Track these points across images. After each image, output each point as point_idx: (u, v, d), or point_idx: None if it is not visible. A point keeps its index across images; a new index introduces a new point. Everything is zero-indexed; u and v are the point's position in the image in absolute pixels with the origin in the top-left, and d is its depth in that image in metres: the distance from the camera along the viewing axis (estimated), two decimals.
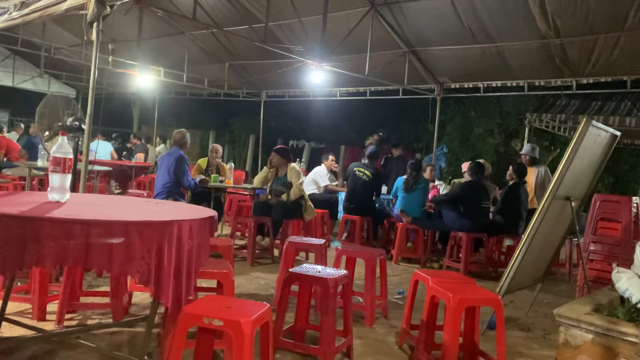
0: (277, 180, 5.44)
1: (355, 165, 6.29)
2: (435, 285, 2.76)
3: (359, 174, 6.11)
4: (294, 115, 15.75)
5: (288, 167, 5.37)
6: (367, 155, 6.27)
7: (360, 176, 6.09)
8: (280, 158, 5.38)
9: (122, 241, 1.80)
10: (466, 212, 5.33)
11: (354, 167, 6.21)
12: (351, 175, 6.18)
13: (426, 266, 5.56)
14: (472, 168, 5.54)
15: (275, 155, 5.40)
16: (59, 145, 2.11)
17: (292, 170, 5.33)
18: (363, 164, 6.23)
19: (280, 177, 5.42)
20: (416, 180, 5.75)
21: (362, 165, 6.20)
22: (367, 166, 6.16)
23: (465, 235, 5.20)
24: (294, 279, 2.68)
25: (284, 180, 5.38)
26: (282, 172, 5.43)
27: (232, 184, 5.63)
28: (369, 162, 6.21)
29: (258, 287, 4.07)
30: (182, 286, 1.96)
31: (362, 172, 6.10)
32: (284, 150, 5.59)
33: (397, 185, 5.99)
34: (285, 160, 5.40)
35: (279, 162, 5.38)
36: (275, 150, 5.49)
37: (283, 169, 5.41)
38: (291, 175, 5.32)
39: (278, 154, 5.41)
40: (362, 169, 6.13)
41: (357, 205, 6.02)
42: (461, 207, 5.39)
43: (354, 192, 6.09)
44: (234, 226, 5.42)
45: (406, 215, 5.68)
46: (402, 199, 5.82)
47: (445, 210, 5.48)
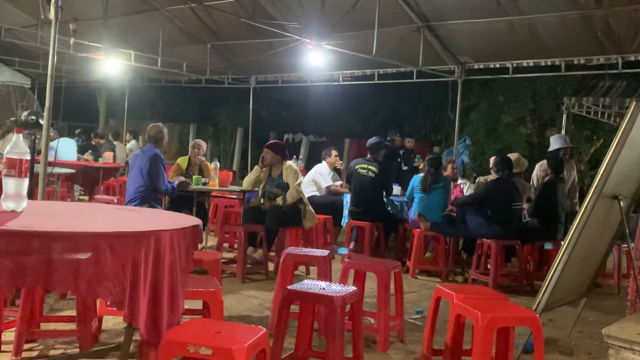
0: (271, 182, 5.44)
1: (356, 162, 6.28)
2: (460, 302, 2.76)
3: (363, 172, 6.08)
4: (289, 105, 15.74)
5: (283, 166, 5.37)
6: (368, 147, 6.26)
7: (364, 174, 6.07)
8: (274, 155, 5.38)
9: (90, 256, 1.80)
10: (494, 216, 5.32)
11: (356, 165, 6.20)
12: (353, 175, 6.17)
13: (449, 280, 5.58)
14: (497, 163, 5.52)
15: (268, 152, 5.40)
16: (14, 144, 2.11)
17: (289, 170, 5.33)
18: (365, 159, 6.22)
19: (274, 178, 5.43)
20: (435, 178, 5.73)
21: (365, 161, 6.17)
22: (370, 161, 6.13)
23: (494, 242, 5.19)
24: (293, 297, 2.70)
25: (278, 181, 5.38)
26: (276, 172, 5.43)
27: (218, 187, 5.64)
28: (372, 155, 6.19)
29: (251, 307, 4.09)
30: (163, 308, 1.96)
31: (366, 169, 6.08)
32: (278, 145, 5.58)
33: (413, 184, 5.99)
34: (280, 157, 5.40)
35: (272, 159, 5.38)
36: (268, 146, 5.48)
37: (278, 168, 5.42)
38: (287, 175, 5.31)
39: (271, 151, 5.40)
40: (365, 165, 6.11)
41: (364, 209, 6.01)
42: (488, 209, 5.40)
43: (359, 193, 6.07)
44: (220, 236, 5.39)
45: (424, 220, 5.66)
46: (419, 201, 5.80)
47: (469, 214, 5.48)
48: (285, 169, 5.36)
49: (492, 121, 12.10)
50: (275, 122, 16.32)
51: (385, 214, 6.21)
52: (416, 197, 5.88)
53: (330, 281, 3.20)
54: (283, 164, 5.40)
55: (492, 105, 12.18)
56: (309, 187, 6.76)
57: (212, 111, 16.01)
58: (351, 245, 6.19)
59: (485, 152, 11.67)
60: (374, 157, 6.18)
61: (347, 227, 6.27)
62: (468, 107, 12.02)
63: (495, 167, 5.55)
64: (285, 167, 5.37)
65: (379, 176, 6.05)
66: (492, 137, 11.99)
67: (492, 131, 12.05)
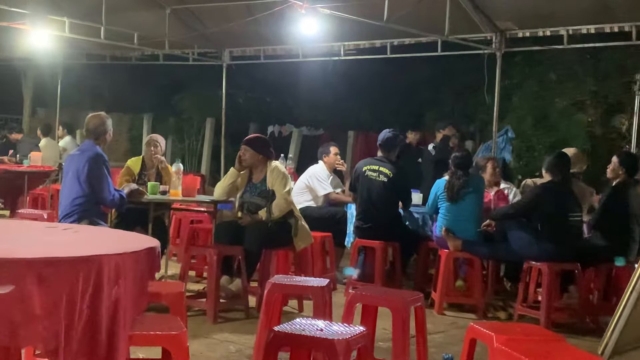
0: (252, 189, 5.47)
1: (364, 163, 6.28)
2: (502, 346, 2.77)
3: (372, 175, 6.10)
4: (274, 87, 15.59)
5: (268, 168, 5.40)
6: (380, 143, 6.25)
7: (374, 178, 6.09)
8: (255, 154, 5.39)
9: (12, 291, 1.79)
10: (546, 231, 5.31)
11: (363, 167, 6.21)
12: (360, 180, 6.17)
13: (487, 317, 5.58)
14: (552, 163, 5.55)
15: (247, 150, 5.41)
16: None
17: (275, 173, 5.36)
18: (376, 158, 6.25)
19: (255, 184, 5.46)
20: (465, 183, 5.74)
21: (375, 161, 6.20)
22: (382, 161, 6.16)
23: (546, 266, 5.18)
24: (282, 341, 2.68)
25: (261, 188, 5.41)
26: (258, 176, 5.46)
27: (181, 197, 5.66)
28: (384, 153, 6.21)
29: (227, 356, 4.08)
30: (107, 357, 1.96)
31: (377, 172, 6.10)
32: (260, 141, 5.59)
33: (436, 191, 5.97)
34: (262, 156, 5.42)
35: (253, 160, 5.40)
36: (247, 142, 5.48)
37: (260, 170, 5.44)
38: (273, 180, 5.34)
39: (251, 148, 5.41)
40: (375, 166, 6.14)
41: (374, 224, 6.01)
42: (538, 223, 5.39)
43: (368, 203, 6.08)
44: (185, 262, 5.40)
45: (453, 237, 5.66)
46: (445, 213, 5.80)
47: (513, 229, 5.47)
48: (270, 171, 5.37)
49: (541, 106, 11.96)
50: (257, 111, 16.11)
51: (402, 231, 6.18)
52: (442, 207, 5.86)
53: (330, 320, 3.23)
54: (267, 165, 5.41)
55: (542, 86, 12.03)
56: (301, 195, 6.74)
57: (173, 97, 15.85)
58: (358, 272, 6.15)
59: (533, 148, 11.55)
60: (387, 157, 6.19)
61: (353, 248, 6.25)
62: (510, 88, 11.92)
63: (549, 167, 5.55)
64: (270, 169, 5.38)
65: (394, 181, 6.05)
66: (542, 127, 11.85)
67: (541, 119, 11.89)
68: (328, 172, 6.96)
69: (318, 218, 6.42)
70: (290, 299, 5.23)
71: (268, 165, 5.41)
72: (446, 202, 5.80)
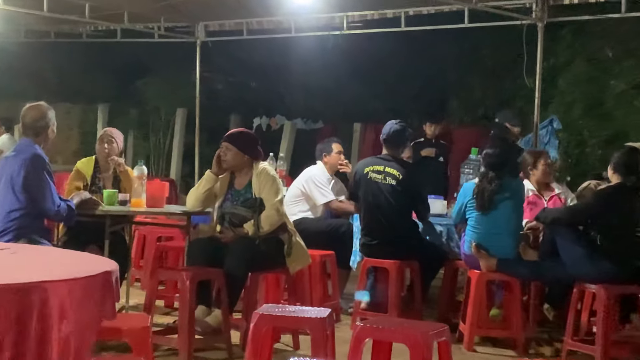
0: (234, 197, 5.50)
1: (365, 163, 6.34)
2: None
3: (377, 178, 6.15)
4: (260, 70, 15.46)
5: (254, 171, 5.42)
6: (386, 138, 6.31)
7: (379, 181, 6.14)
8: (239, 153, 5.41)
9: None
10: (606, 246, 5.30)
11: (365, 168, 6.26)
12: (362, 183, 6.22)
13: (529, 353, 5.55)
14: (622, 161, 5.53)
15: (229, 149, 5.43)
16: None
17: (263, 176, 5.38)
18: (381, 157, 6.31)
19: (238, 191, 5.49)
20: (499, 187, 5.73)
21: (380, 160, 6.25)
22: (388, 160, 6.21)
23: (603, 289, 5.16)
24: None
25: (245, 195, 5.44)
26: (242, 181, 5.49)
27: (145, 208, 5.67)
28: (390, 151, 6.26)
29: None
30: None
31: (382, 173, 6.15)
32: (245, 137, 5.61)
33: (463, 199, 5.99)
34: (248, 157, 5.44)
35: (236, 161, 5.43)
36: (230, 139, 5.50)
37: (245, 174, 5.47)
38: (261, 185, 5.36)
39: (235, 146, 5.42)
40: (380, 166, 6.18)
41: (384, 239, 6.06)
42: (597, 234, 5.39)
43: (375, 213, 6.13)
44: (151, 289, 5.37)
45: (486, 255, 5.66)
46: (475, 225, 5.82)
47: (564, 240, 5.47)
48: (257, 175, 5.38)
49: (594, 90, 11.78)
50: (239, 99, 15.84)
51: (421, 247, 6.19)
52: (470, 218, 5.86)
53: (333, 359, 3.30)
54: (254, 167, 5.42)
55: (594, 65, 11.89)
56: (296, 205, 6.73)
57: (135, 83, 15.78)
58: (366, 299, 6.15)
59: (584, 142, 11.42)
60: (394, 154, 6.24)
61: (361, 269, 6.24)
62: (554, 68, 11.80)
63: (618, 166, 5.50)
64: (257, 172, 5.39)
65: (404, 184, 6.08)
66: (595, 116, 11.70)
67: (594, 106, 11.73)
68: (329, 175, 6.93)
69: (317, 233, 6.41)
70: (283, 333, 5.18)
71: (254, 168, 5.41)
72: (476, 212, 5.78)
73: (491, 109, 13.95)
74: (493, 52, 13.46)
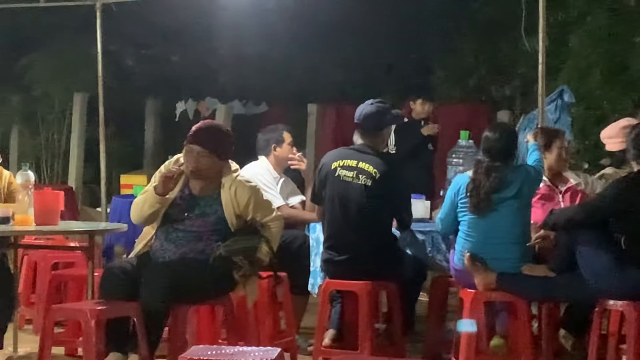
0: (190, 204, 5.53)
1: (334, 157, 6.33)
2: None
3: (348, 176, 6.16)
4: (183, 39, 15.78)
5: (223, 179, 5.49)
6: (359, 123, 6.28)
7: (350, 180, 6.14)
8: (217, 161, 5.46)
9: None
10: (633, 249, 5.39)
11: (333, 162, 6.23)
12: (330, 182, 6.22)
13: None
14: None
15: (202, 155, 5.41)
16: None
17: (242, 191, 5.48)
18: (354, 149, 6.29)
19: (195, 197, 5.55)
20: (498, 182, 5.73)
21: (353, 153, 6.25)
22: (363, 152, 6.22)
23: (632, 307, 5.22)
24: None
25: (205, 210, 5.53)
26: (205, 187, 5.54)
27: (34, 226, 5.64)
28: (367, 140, 6.24)
29: None
30: None
31: (355, 170, 6.15)
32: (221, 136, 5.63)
33: (453, 197, 5.98)
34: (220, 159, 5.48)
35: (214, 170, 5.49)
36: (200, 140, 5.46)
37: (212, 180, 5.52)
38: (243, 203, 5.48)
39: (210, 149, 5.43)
40: (352, 161, 6.17)
41: (354, 255, 6.04)
42: (622, 236, 5.41)
43: (343, 221, 6.14)
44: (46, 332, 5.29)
45: (483, 268, 5.69)
46: (468, 231, 5.85)
47: (582, 247, 5.53)
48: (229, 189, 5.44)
49: (616, 50, 11.97)
50: (157, 78, 16.28)
51: (399, 263, 6.17)
52: (463, 222, 5.87)
53: None
54: (226, 179, 5.47)
55: (615, 18, 12.07)
56: None
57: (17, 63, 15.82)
58: (330, 333, 6.16)
59: (605, 117, 11.42)
60: (371, 145, 6.18)
61: (322, 293, 6.18)
62: (565, 24, 11.94)
63: (635, 148, 5.52)
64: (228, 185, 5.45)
65: (383, 184, 6.04)
66: (619, 83, 11.87)
67: (616, 72, 11.94)
68: (276, 174, 6.95)
69: None
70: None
71: (224, 174, 5.48)
72: (469, 214, 5.78)
73: (486, 79, 13.84)
74: (486, 6, 13.39)
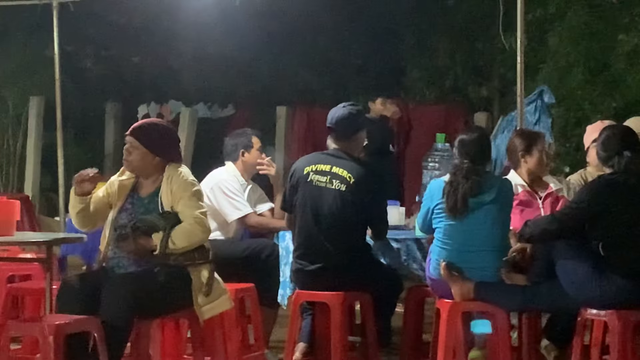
0: (136, 206, 5.67)
1: (307, 161, 6.48)
2: None
3: (321, 181, 6.30)
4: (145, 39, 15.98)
5: (165, 175, 5.58)
6: (332, 127, 6.39)
7: (323, 185, 6.30)
8: (148, 153, 5.58)
9: None
10: (614, 255, 5.52)
11: (306, 167, 6.36)
12: (302, 188, 6.34)
13: None
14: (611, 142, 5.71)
15: (135, 146, 5.59)
16: None
17: (177, 182, 5.54)
18: (327, 154, 6.41)
19: (142, 198, 5.68)
20: (477, 185, 5.90)
21: (327, 158, 6.37)
22: (337, 157, 6.35)
23: (615, 316, 5.34)
24: None
25: (149, 207, 5.64)
26: (149, 189, 5.68)
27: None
28: (340, 144, 6.38)
29: None
30: None
31: (328, 175, 6.30)
32: (157, 131, 5.77)
33: (430, 203, 6.10)
34: (160, 158, 5.63)
35: (144, 163, 5.64)
36: (136, 133, 5.64)
37: (154, 180, 5.67)
38: (175, 195, 5.51)
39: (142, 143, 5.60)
40: (326, 165, 6.31)
41: (326, 264, 6.17)
42: (600, 242, 5.55)
43: (315, 229, 6.26)
44: (1, 347, 5.37)
45: (459, 277, 5.82)
46: (444, 238, 5.97)
47: (561, 256, 5.69)
48: (168, 180, 5.52)
49: (597, 49, 12.16)
50: (117, 80, 15.98)
51: (374, 272, 6.28)
52: (439, 229, 5.98)
53: None
54: (167, 171, 5.55)
55: (596, 14, 12.31)
56: None
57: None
58: (301, 347, 6.27)
59: (586, 118, 11.51)
60: (346, 149, 6.32)
61: (292, 305, 6.28)
62: (543, 22, 12.11)
63: (605, 150, 5.66)
64: (167, 176, 5.54)
65: (358, 190, 6.17)
66: (600, 83, 12.06)
67: (598, 71, 12.11)
68: (243, 180, 7.05)
69: (230, 259, 6.46)
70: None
71: (168, 171, 5.56)
72: (445, 221, 5.90)
73: (462, 79, 14.08)
74: (462, 3, 13.64)
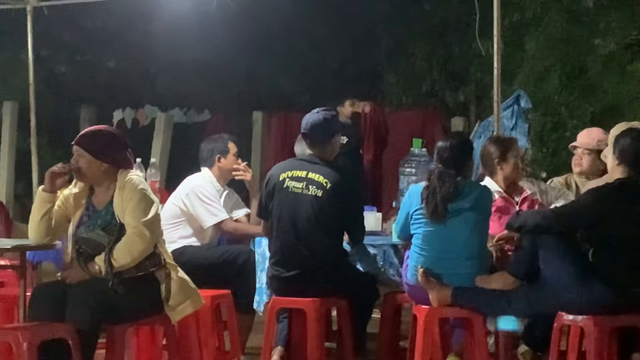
0: (93, 218, 5.58)
1: (283, 168, 6.49)
2: None
3: (297, 187, 6.34)
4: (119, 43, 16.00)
5: (118, 184, 5.47)
6: (306, 133, 6.45)
7: (299, 192, 6.34)
8: (94, 160, 5.50)
9: None
10: (600, 263, 5.51)
11: (282, 174, 6.39)
12: (278, 195, 6.36)
13: None
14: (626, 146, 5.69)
15: (81, 155, 5.50)
16: None
17: (127, 190, 5.44)
18: (303, 159, 6.49)
19: (98, 211, 5.59)
20: (454, 190, 5.92)
21: (302, 164, 6.42)
22: (313, 163, 6.39)
23: (593, 322, 5.34)
24: None
25: (106, 218, 5.54)
26: (103, 198, 5.59)
27: None
28: (316, 150, 6.43)
29: None
30: None
31: (304, 181, 6.34)
32: (102, 138, 5.65)
33: (409, 208, 6.13)
34: (108, 165, 5.53)
35: (91, 171, 5.53)
36: (80, 141, 5.55)
37: (107, 188, 5.58)
38: (124, 203, 5.42)
39: (87, 150, 5.50)
40: (301, 172, 6.34)
41: (302, 270, 6.21)
42: (590, 248, 5.56)
43: (291, 235, 6.29)
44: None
45: (437, 283, 5.84)
46: (422, 244, 5.99)
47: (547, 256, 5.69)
48: (121, 189, 5.39)
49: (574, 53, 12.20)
50: (92, 86, 15.92)
51: (350, 278, 6.33)
52: (417, 235, 6.00)
53: None
54: (120, 177, 5.46)
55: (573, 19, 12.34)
56: (175, 229, 6.92)
57: None
58: (278, 350, 6.27)
59: (563, 123, 11.60)
60: (321, 155, 6.36)
61: (269, 311, 6.30)
62: (520, 26, 12.17)
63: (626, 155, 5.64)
64: (121, 185, 5.41)
65: (334, 196, 6.21)
66: (577, 87, 12.07)
67: (574, 76, 12.17)
68: (219, 186, 7.06)
69: (206, 266, 6.57)
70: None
71: (119, 179, 5.43)
72: (424, 227, 5.93)
73: (439, 84, 14.12)
74: (439, 8, 13.69)
